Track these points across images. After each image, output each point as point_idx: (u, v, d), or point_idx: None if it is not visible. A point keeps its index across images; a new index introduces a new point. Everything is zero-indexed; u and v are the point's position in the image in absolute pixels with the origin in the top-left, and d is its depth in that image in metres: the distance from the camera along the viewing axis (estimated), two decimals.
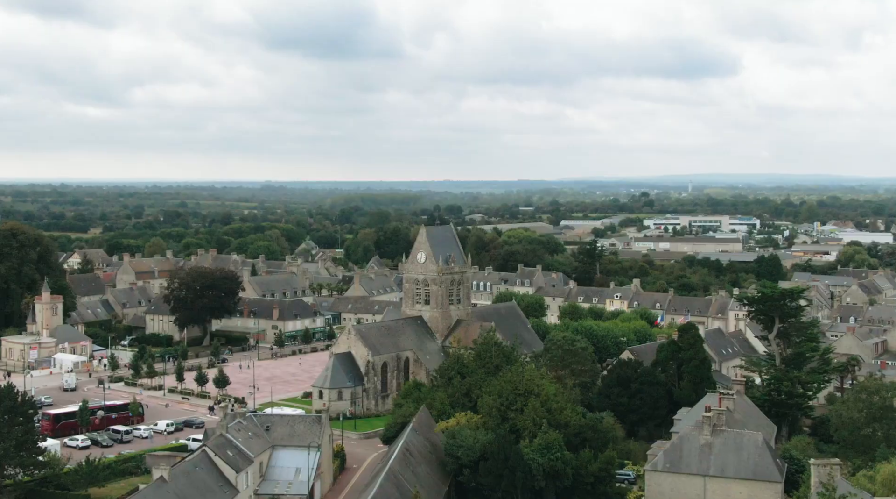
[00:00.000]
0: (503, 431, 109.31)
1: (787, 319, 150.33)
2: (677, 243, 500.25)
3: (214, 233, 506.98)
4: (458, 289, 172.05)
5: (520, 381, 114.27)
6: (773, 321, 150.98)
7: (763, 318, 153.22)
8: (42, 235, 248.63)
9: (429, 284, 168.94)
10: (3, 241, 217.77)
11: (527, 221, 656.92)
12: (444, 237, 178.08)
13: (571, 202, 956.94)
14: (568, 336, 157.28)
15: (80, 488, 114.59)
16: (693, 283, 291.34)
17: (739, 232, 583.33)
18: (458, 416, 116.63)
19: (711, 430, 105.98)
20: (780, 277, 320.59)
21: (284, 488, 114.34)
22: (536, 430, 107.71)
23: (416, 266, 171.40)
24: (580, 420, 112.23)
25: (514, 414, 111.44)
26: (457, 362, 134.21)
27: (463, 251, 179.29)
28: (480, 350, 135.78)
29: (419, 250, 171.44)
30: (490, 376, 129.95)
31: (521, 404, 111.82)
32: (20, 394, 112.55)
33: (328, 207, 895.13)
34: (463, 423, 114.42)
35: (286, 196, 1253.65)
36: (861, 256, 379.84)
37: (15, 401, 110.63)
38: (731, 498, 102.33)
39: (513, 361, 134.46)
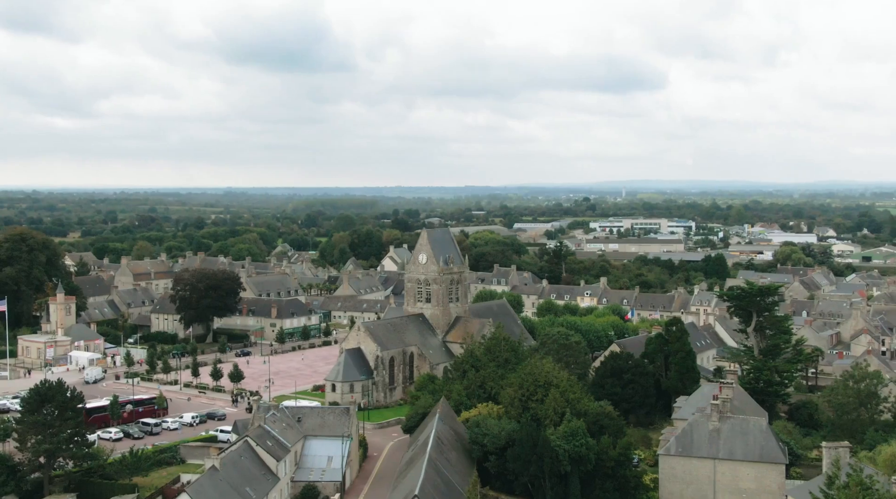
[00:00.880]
0: (525, 420, 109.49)
1: (763, 314, 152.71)
2: (625, 244, 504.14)
3: (192, 237, 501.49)
4: (457, 288, 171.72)
5: (539, 373, 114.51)
6: (751, 316, 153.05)
7: (742, 312, 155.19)
8: (49, 240, 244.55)
9: (430, 284, 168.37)
10: (13, 245, 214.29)
11: (480, 224, 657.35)
12: (443, 240, 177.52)
13: (519, 206, 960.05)
14: (562, 331, 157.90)
15: (122, 477, 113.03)
16: (650, 280, 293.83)
17: (678, 234, 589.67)
18: (480, 406, 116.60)
19: (719, 416, 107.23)
20: (725, 276, 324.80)
21: (319, 476, 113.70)
22: (557, 418, 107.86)
23: (417, 267, 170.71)
24: (597, 409, 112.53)
25: (534, 404, 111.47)
26: (470, 356, 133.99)
27: (460, 253, 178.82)
28: (490, 345, 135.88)
29: (420, 252, 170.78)
30: (501, 369, 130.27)
31: (542, 395, 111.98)
32: (69, 390, 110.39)
33: (291, 212, 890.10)
34: (485, 413, 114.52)
35: (248, 201, 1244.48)
36: (797, 255, 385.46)
37: (65, 397, 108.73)
38: (740, 479, 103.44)
39: (520, 355, 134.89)
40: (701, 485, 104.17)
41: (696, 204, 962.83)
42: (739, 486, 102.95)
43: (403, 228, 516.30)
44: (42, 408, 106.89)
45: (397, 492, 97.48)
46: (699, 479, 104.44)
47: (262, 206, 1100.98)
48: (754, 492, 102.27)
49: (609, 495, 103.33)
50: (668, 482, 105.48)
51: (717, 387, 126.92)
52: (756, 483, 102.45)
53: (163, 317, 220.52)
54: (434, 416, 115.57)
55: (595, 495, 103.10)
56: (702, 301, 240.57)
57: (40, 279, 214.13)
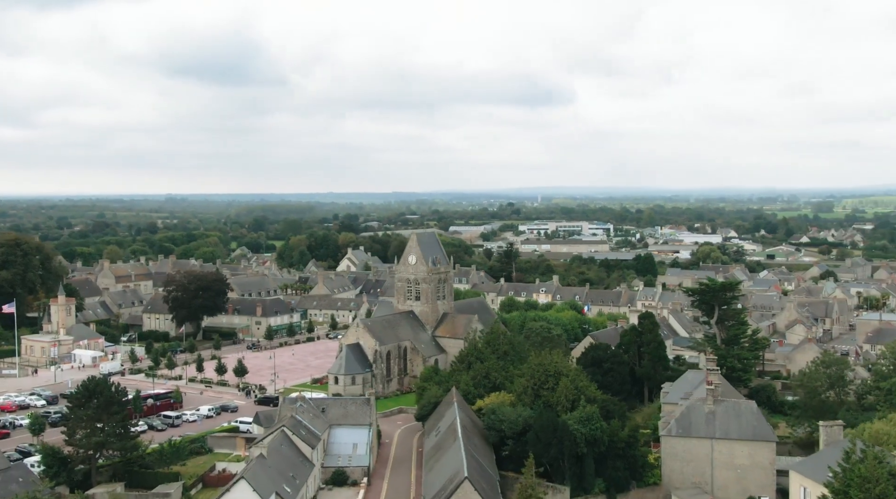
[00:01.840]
0: (538, 407, 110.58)
1: (723, 307, 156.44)
2: (556, 245, 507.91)
3: (151, 241, 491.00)
4: (444, 286, 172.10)
5: (549, 364, 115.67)
6: (713, 309, 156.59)
7: (705, 306, 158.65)
8: (43, 245, 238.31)
9: (419, 283, 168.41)
10: (9, 249, 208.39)
11: (417, 227, 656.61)
12: (430, 242, 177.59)
13: (447, 211, 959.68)
14: (545, 325, 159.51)
15: (160, 466, 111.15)
16: (592, 278, 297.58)
17: (599, 235, 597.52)
18: (494, 395, 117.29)
19: (714, 400, 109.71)
20: (655, 273, 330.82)
21: (346, 461, 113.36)
22: (569, 405, 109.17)
23: (407, 267, 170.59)
24: (603, 396, 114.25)
25: (546, 392, 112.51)
26: (474, 349, 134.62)
27: (445, 254, 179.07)
28: (490, 339, 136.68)
29: (410, 253, 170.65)
30: (501, 360, 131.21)
31: (552, 384, 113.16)
32: (114, 385, 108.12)
33: (234, 217, 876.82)
34: (498, 402, 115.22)
35: (190, 207, 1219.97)
36: (715, 254, 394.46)
37: (111, 392, 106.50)
38: (735, 456, 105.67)
39: (517, 347, 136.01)
40: (700, 462, 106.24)
41: (607, 208, 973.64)
42: (735, 462, 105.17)
43: (349, 231, 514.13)
44: (90, 403, 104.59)
45: (435, 475, 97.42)
46: (698, 457, 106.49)
47: (205, 211, 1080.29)
48: (748, 468, 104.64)
49: (620, 473, 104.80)
50: (670, 460, 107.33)
51: (698, 374, 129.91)
52: (750, 460, 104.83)
53: (154, 316, 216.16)
54: (452, 404, 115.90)
55: (608, 473, 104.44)
56: (646, 296, 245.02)
57: (35, 282, 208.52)
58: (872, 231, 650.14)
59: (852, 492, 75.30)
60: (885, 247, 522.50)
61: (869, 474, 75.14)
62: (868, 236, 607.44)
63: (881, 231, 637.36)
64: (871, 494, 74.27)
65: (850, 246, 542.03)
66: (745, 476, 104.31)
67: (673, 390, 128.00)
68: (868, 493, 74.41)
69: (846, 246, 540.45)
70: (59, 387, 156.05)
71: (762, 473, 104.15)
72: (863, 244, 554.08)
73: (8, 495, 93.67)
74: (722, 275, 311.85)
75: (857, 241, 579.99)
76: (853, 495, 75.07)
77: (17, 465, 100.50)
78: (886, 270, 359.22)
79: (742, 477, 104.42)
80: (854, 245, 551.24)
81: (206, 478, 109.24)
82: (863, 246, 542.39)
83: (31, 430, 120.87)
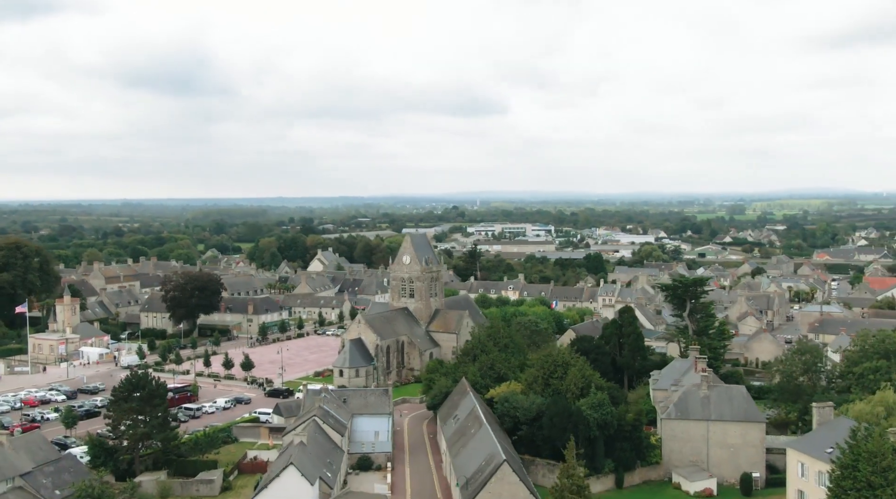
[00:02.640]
0: (548, 394, 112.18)
1: (693, 301, 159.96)
2: (507, 246, 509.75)
3: (122, 244, 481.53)
4: (435, 284, 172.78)
5: (558, 355, 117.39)
6: (684, 302, 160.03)
7: (676, 300, 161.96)
8: (41, 248, 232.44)
9: (413, 281, 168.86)
10: (9, 252, 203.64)
11: (370, 229, 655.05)
12: (422, 243, 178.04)
13: (394, 214, 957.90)
14: (533, 319, 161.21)
15: (195, 454, 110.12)
16: (549, 276, 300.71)
17: (542, 236, 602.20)
18: (505, 385, 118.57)
19: (708, 385, 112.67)
20: (604, 271, 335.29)
21: (370, 448, 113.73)
22: (578, 392, 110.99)
23: (401, 267, 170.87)
24: (607, 384, 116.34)
25: (555, 381, 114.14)
26: (478, 342, 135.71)
27: (436, 255, 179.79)
28: (491, 332, 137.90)
29: (404, 253, 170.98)
30: (503, 353, 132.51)
31: (561, 373, 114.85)
32: (154, 380, 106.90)
33: (192, 221, 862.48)
34: (509, 390, 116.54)
35: (147, 211, 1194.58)
36: (657, 253, 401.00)
37: (152, 385, 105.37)
38: (728, 436, 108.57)
39: (516, 341, 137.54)
40: (696, 442, 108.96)
41: (542, 211, 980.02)
42: (728, 442, 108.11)
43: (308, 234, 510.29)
44: (132, 396, 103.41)
45: (465, 458, 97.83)
46: (695, 437, 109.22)
47: (162, 215, 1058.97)
48: (740, 446, 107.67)
49: (627, 453, 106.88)
50: (670, 441, 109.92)
51: (683, 362, 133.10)
52: (741, 439, 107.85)
53: (152, 315, 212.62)
54: (467, 393, 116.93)
55: (616, 454, 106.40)
56: (606, 292, 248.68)
57: (34, 284, 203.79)
58: (785, 231, 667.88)
59: (860, 465, 78.21)
60: (801, 246, 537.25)
61: (876, 449, 78.34)
62: (782, 236, 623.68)
63: (793, 231, 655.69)
64: (878, 467, 77.31)
65: (767, 245, 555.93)
66: (738, 454, 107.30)
67: (662, 377, 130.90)
68: (875, 466, 77.46)
69: (764, 245, 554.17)
70: (74, 382, 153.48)
71: (753, 451, 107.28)
72: (779, 243, 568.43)
73: (61, 484, 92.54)
74: (666, 272, 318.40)
75: (773, 240, 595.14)
76: (861, 468, 78.01)
77: (66, 456, 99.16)
78: (809, 267, 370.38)
79: (735, 455, 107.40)
80: (771, 244, 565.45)
81: (241, 465, 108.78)
82: (779, 245, 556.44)
83: (64, 423, 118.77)
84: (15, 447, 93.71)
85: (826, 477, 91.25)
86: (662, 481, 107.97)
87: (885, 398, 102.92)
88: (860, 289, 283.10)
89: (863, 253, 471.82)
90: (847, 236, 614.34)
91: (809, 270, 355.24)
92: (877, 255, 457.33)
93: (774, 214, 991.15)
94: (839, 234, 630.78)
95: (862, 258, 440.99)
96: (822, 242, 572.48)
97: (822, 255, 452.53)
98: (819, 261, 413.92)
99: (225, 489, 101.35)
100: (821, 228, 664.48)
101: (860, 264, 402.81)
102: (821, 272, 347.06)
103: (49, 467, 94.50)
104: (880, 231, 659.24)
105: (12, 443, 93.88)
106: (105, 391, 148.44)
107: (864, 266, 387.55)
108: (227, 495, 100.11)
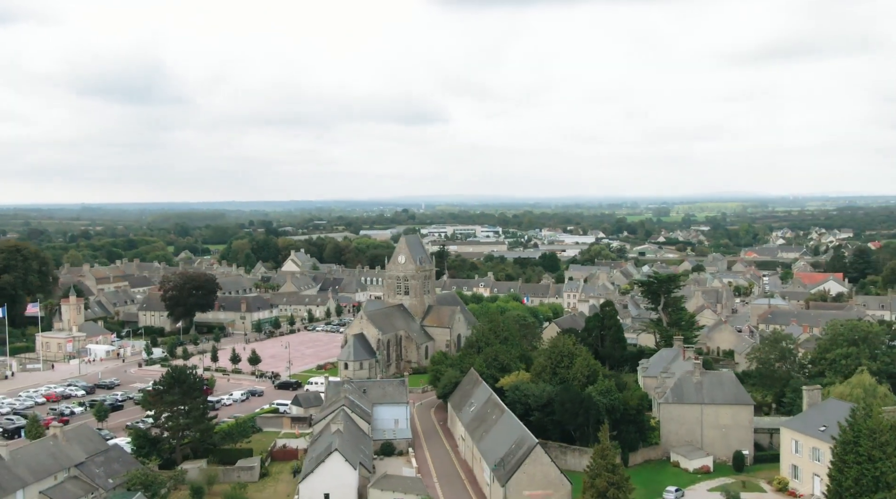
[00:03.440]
0: (555, 382, 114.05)
1: (666, 295, 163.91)
2: (462, 246, 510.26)
3: (95, 246, 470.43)
4: (428, 282, 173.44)
5: (563, 346, 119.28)
6: (659, 297, 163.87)
7: (651, 295, 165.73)
8: (40, 251, 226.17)
9: (408, 279, 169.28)
10: (10, 255, 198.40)
11: (329, 231, 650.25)
12: (416, 244, 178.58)
13: (348, 216, 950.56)
14: (521, 314, 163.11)
15: (226, 443, 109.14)
16: (512, 274, 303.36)
17: (492, 237, 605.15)
18: (514, 374, 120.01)
19: (700, 372, 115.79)
20: (559, 269, 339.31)
21: (392, 435, 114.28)
22: (584, 380, 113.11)
23: (397, 266, 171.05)
24: (610, 371, 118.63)
25: (562, 370, 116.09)
26: (483, 336, 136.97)
27: (428, 255, 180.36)
28: (493, 326, 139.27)
29: (400, 253, 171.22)
30: (504, 345, 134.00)
31: (567, 363, 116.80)
32: (192, 374, 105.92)
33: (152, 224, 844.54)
34: (518, 379, 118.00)
35: (105, 215, 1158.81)
36: (605, 252, 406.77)
37: (192, 379, 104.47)
38: (720, 418, 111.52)
39: (514, 334, 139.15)
40: (691, 424, 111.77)
41: (486, 214, 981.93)
42: (720, 423, 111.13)
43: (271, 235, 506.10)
44: (173, 389, 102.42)
45: (490, 442, 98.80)
46: (690, 420, 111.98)
47: (122, 219, 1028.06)
48: (731, 427, 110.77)
49: (631, 435, 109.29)
50: (667, 423, 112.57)
51: (669, 351, 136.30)
52: (732, 420, 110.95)
53: (150, 313, 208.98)
54: (480, 383, 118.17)
55: (621, 436, 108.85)
56: (570, 289, 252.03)
57: (34, 285, 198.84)
58: (710, 231, 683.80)
59: (862, 441, 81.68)
60: (728, 244, 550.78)
61: (875, 426, 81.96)
62: (709, 236, 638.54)
63: (718, 231, 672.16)
64: (877, 442, 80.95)
65: (696, 244, 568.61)
66: (729, 434, 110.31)
67: (651, 365, 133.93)
68: (875, 441, 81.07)
69: (694, 244, 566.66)
70: (89, 378, 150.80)
71: (742, 430, 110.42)
72: (707, 243, 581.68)
73: (112, 473, 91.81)
74: (617, 270, 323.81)
75: (702, 239, 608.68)
76: (863, 443, 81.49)
77: (113, 446, 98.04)
78: (742, 264, 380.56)
79: (726, 435, 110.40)
80: (700, 243, 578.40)
81: (273, 452, 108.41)
82: (707, 244, 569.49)
83: (96, 416, 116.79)
84: (68, 439, 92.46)
85: (819, 452, 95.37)
86: (662, 460, 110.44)
87: (862, 381, 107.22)
88: (794, 284, 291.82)
89: (784, 251, 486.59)
90: (767, 236, 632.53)
91: (743, 267, 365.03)
92: (797, 253, 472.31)
93: (696, 216, 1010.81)
94: (759, 233, 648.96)
95: (784, 256, 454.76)
96: (745, 241, 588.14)
97: (750, 253, 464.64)
98: (748, 258, 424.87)
99: (263, 475, 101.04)
100: (743, 228, 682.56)
101: (785, 261, 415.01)
102: (754, 269, 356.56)
103: (99, 458, 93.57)
104: (795, 231, 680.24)
105: (66, 435, 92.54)
106: (120, 386, 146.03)
107: (789, 263, 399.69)
108: (266, 481, 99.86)
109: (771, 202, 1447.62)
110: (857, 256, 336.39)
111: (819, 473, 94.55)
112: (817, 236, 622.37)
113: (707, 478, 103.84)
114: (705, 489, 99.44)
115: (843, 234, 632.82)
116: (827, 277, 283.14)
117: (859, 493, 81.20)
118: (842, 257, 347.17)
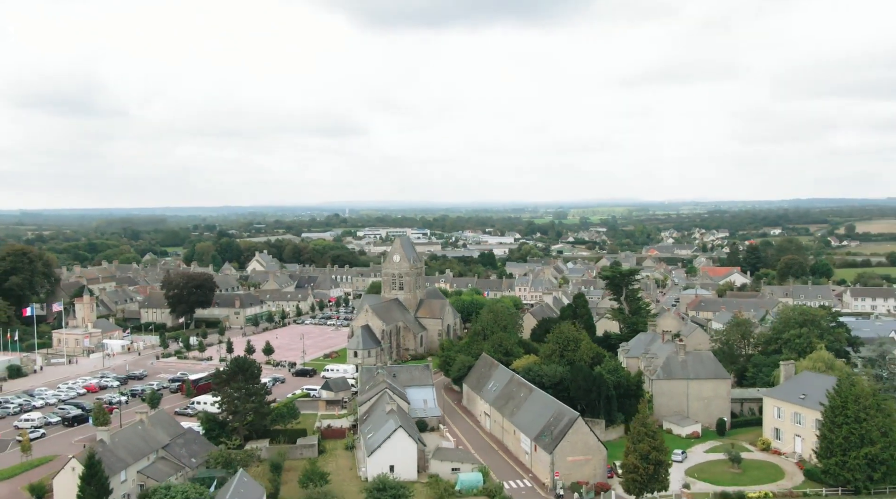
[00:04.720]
0: (563, 363, 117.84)
1: (627, 287, 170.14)
2: None
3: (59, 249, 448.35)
4: (419, 279, 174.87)
5: (569, 332, 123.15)
6: (620, 289, 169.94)
7: (614, 287, 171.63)
8: (44, 254, 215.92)
9: (402, 276, 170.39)
10: (17, 258, 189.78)
11: (269, 234, 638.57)
12: (408, 244, 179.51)
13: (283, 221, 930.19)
14: (503, 305, 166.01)
15: (275, 424, 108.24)
16: (462, 271, 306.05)
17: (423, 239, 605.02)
18: (525, 357, 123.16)
19: (684, 352, 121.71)
20: (495, 266, 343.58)
21: (423, 413, 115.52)
22: (590, 361, 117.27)
23: (392, 264, 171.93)
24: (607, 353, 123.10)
25: (569, 353, 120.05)
26: (487, 325, 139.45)
27: (418, 254, 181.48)
28: (495, 316, 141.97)
29: (395, 253, 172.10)
30: (504, 332, 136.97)
31: (574, 346, 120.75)
32: (253, 363, 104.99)
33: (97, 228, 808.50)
34: (529, 362, 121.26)
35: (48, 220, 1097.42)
36: (535, 251, 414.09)
37: (253, 367, 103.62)
38: (703, 391, 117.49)
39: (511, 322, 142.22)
40: (679, 397, 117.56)
41: (407, 218, 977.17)
42: (703, 395, 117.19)
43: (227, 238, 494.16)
44: (237, 377, 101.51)
45: (523, 417, 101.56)
46: (678, 393, 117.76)
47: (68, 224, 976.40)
48: (712, 398, 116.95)
49: (633, 408, 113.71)
50: (658, 397, 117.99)
51: (646, 335, 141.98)
52: (713, 392, 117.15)
53: (151, 311, 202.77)
54: (497, 365, 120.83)
55: (625, 408, 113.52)
56: (521, 283, 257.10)
57: (39, 286, 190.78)
58: (608, 232, 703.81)
59: (849, 405, 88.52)
60: (630, 243, 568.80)
61: (860, 392, 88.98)
62: (609, 236, 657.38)
63: (615, 232, 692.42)
64: (862, 405, 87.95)
65: (601, 243, 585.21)
66: (710, 405, 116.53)
67: (632, 347, 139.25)
68: (860, 405, 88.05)
69: (599, 243, 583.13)
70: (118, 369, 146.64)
71: (722, 401, 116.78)
72: (609, 242, 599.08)
73: (193, 453, 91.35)
74: (551, 266, 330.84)
75: (605, 239, 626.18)
76: (850, 407, 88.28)
77: (188, 430, 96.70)
78: (652, 260, 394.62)
79: (708, 405, 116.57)
80: (604, 242, 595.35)
81: (323, 432, 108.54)
82: (610, 243, 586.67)
83: (150, 404, 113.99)
84: (153, 424, 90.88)
85: (801, 416, 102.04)
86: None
87: (821, 356, 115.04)
88: (701, 277, 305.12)
89: (677, 248, 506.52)
90: (657, 236, 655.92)
91: (653, 263, 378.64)
92: (689, 249, 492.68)
93: (591, 219, 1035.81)
94: (652, 233, 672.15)
95: (679, 252, 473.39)
96: (641, 240, 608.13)
97: (653, 250, 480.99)
98: (653, 256, 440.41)
99: (320, 452, 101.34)
100: (638, 229, 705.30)
101: (683, 257, 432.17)
102: (664, 264, 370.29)
103: (179, 440, 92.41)
104: (680, 231, 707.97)
105: (151, 420, 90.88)
106: (148, 377, 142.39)
107: (689, 259, 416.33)
108: (326, 457, 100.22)
109: (651, 207, 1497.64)
110: (750, 252, 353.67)
111: (801, 433, 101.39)
112: (700, 235, 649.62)
113: (699, 442, 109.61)
114: (702, 451, 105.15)
115: (721, 233, 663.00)
116: (731, 271, 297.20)
117: (847, 448, 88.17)
118: (737, 253, 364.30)
